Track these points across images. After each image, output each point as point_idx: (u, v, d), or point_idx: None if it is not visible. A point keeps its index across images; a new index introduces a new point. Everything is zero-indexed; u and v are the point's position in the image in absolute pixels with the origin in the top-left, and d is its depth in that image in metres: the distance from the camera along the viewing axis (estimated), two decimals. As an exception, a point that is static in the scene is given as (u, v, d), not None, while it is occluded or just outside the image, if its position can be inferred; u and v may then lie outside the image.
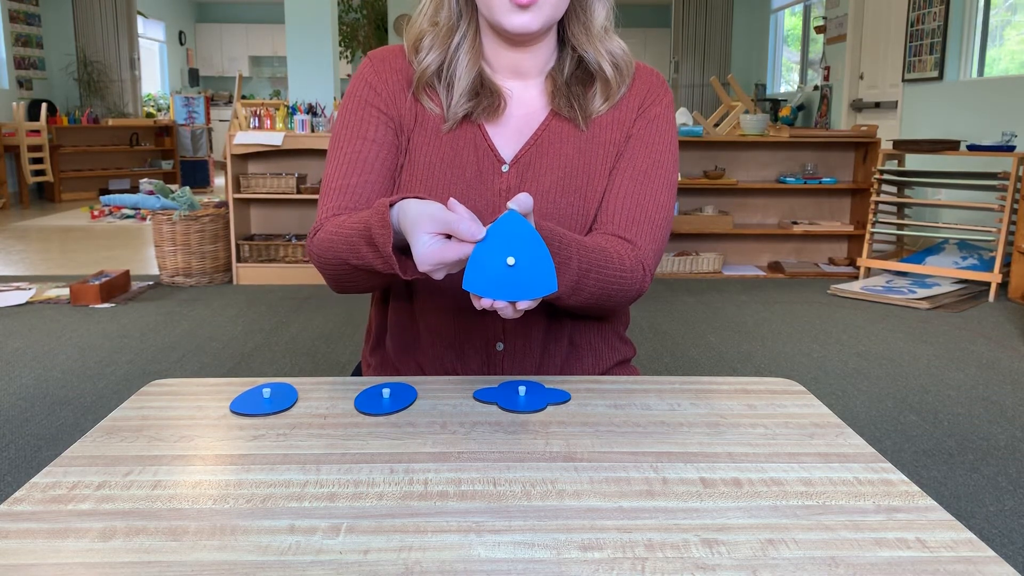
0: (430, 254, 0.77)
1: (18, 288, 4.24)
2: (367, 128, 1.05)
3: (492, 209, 1.02)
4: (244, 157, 4.56)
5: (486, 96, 1.03)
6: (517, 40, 1.02)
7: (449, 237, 0.78)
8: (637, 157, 1.06)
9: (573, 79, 1.06)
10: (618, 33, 1.06)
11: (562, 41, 1.07)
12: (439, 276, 0.80)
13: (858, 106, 6.75)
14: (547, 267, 0.76)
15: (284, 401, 0.87)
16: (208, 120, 9.29)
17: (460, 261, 0.78)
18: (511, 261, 0.75)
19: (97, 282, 4.00)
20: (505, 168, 1.04)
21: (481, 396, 0.89)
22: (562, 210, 1.03)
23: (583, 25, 1.04)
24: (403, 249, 0.87)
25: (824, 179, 4.87)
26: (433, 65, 1.03)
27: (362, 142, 1.04)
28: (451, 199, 0.80)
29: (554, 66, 1.08)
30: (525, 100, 1.07)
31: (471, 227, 0.76)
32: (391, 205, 0.86)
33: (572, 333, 1.10)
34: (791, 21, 9.12)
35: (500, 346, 1.07)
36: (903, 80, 5.95)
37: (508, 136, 1.05)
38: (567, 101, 1.05)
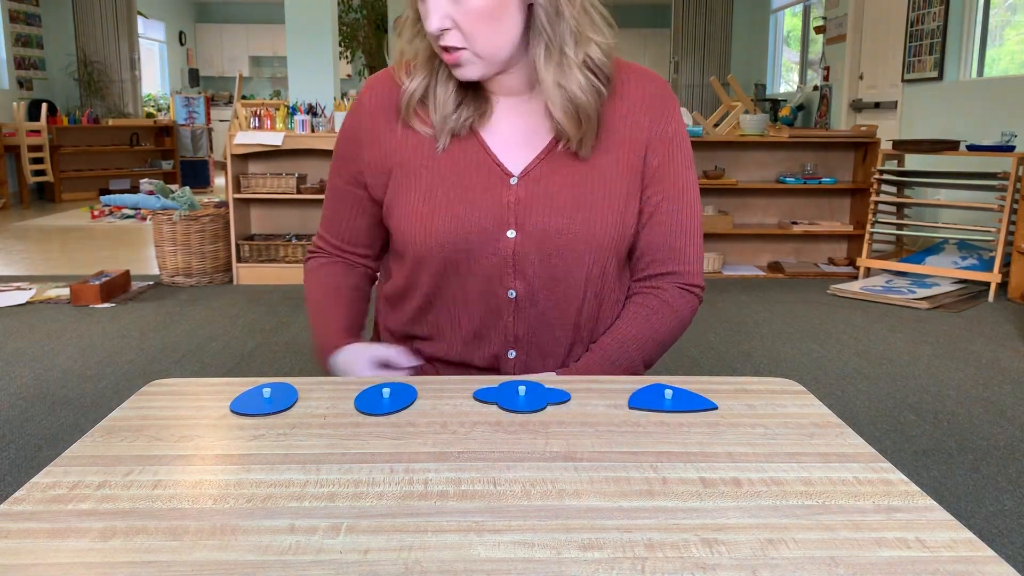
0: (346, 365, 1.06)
1: (18, 288, 4.24)
2: (350, 167, 1.10)
3: (501, 221, 1.00)
4: (244, 157, 4.56)
5: (473, 102, 1.01)
6: None
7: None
8: (667, 183, 1.04)
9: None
10: (615, 33, 0.99)
11: None
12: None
13: (858, 106, 6.75)
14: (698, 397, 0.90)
15: (284, 401, 0.87)
16: (208, 120, 9.29)
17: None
18: (668, 394, 0.88)
19: (97, 282, 4.00)
20: (514, 181, 1.01)
21: (481, 396, 0.89)
22: (576, 228, 1.00)
23: (552, 58, 0.96)
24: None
25: (824, 179, 4.87)
26: (420, 91, 1.01)
27: (344, 179, 1.12)
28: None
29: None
30: (525, 112, 1.03)
31: (407, 360, 1.07)
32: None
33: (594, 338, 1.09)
34: (791, 21, 9.12)
35: (512, 354, 1.07)
36: (903, 80, 5.95)
37: (511, 148, 1.02)
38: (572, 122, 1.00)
